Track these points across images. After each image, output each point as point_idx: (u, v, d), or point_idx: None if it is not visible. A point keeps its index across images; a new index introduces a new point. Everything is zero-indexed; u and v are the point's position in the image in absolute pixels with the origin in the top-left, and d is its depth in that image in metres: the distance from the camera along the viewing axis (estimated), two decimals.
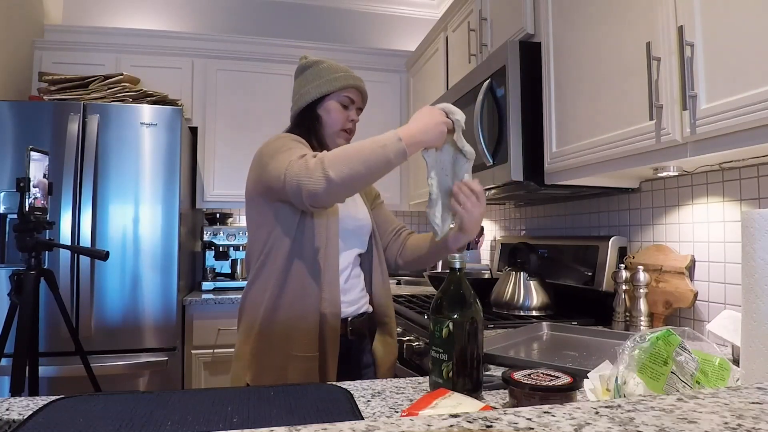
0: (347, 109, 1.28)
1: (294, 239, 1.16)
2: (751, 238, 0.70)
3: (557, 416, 0.45)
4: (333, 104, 1.27)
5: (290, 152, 1.10)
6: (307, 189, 1.01)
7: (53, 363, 2.17)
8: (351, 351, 1.24)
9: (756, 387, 0.53)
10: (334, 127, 1.27)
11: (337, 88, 1.26)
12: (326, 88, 1.26)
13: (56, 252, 2.20)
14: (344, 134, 1.28)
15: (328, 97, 1.27)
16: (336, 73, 1.27)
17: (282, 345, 1.15)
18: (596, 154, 1.35)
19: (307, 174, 1.01)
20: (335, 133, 1.27)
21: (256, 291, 1.20)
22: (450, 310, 0.86)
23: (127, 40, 2.81)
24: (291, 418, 0.74)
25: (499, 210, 2.66)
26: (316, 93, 1.26)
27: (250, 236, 1.24)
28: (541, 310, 1.76)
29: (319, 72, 1.28)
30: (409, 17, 3.65)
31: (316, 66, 1.30)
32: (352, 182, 1.00)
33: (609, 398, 0.73)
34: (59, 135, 2.26)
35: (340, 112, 1.27)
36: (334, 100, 1.27)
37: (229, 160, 2.91)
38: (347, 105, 1.28)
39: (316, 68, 1.29)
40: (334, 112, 1.27)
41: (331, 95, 1.26)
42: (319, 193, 1.00)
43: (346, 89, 1.27)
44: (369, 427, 0.43)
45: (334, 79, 1.26)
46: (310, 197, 1.02)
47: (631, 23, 1.23)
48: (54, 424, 0.70)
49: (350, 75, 1.28)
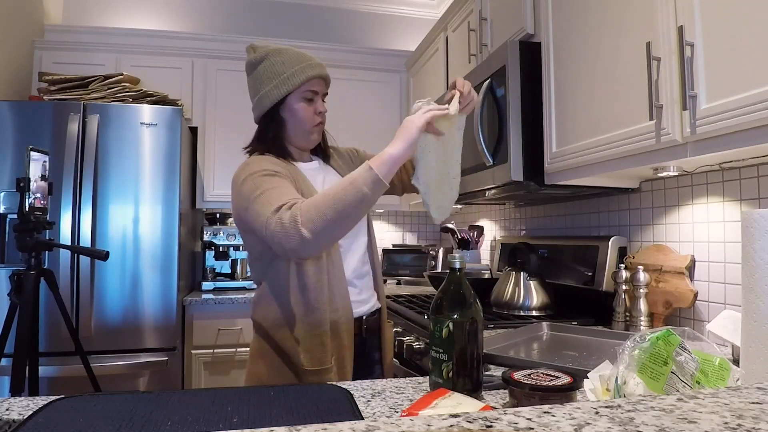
0: (313, 102, 1.18)
1: (291, 261, 1.13)
2: (751, 238, 0.70)
3: (557, 416, 0.45)
4: (296, 104, 1.17)
5: (265, 197, 1.04)
6: (289, 248, 0.98)
7: (53, 363, 2.17)
8: (365, 349, 1.24)
9: (756, 387, 0.53)
10: (303, 127, 1.20)
11: (297, 84, 1.15)
12: (285, 88, 1.15)
13: (56, 252, 2.20)
14: (316, 129, 1.21)
15: (289, 96, 1.17)
16: (292, 68, 1.15)
17: (295, 362, 1.13)
18: (596, 154, 1.35)
19: (285, 234, 0.97)
20: (306, 132, 1.21)
21: (262, 309, 1.18)
22: (450, 310, 0.86)
23: (127, 40, 2.81)
24: (291, 418, 0.74)
25: (499, 210, 2.66)
26: (276, 95, 1.16)
27: (249, 258, 1.22)
28: (541, 310, 1.76)
29: (273, 69, 1.16)
30: (409, 17, 3.65)
31: (267, 60, 1.17)
32: (330, 233, 0.97)
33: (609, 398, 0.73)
34: (59, 135, 2.26)
35: (305, 109, 1.18)
36: (297, 97, 1.17)
37: (229, 160, 2.91)
38: (311, 98, 1.18)
39: (268, 63, 1.16)
40: (300, 111, 1.18)
41: (292, 94, 1.16)
42: (300, 251, 0.98)
43: (307, 83, 1.16)
44: (369, 427, 0.43)
45: (292, 75, 1.15)
46: (293, 254, 0.99)
47: (631, 23, 1.23)
48: (54, 424, 0.70)
49: (308, 65, 1.16)
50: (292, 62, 1.16)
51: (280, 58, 1.16)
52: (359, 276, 1.23)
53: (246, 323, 2.56)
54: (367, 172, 0.98)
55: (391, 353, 1.32)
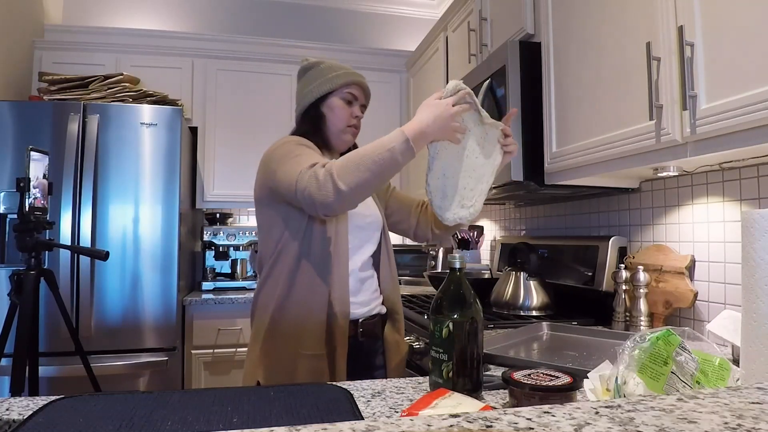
0: (351, 105, 1.28)
1: (303, 239, 1.17)
2: (751, 238, 0.70)
3: (557, 416, 0.45)
4: (336, 101, 1.27)
5: (298, 159, 1.10)
6: (320, 201, 1.02)
7: (53, 363, 2.17)
8: (362, 352, 1.24)
9: (756, 387, 0.53)
10: (339, 125, 1.27)
11: (339, 85, 1.26)
12: (328, 86, 1.26)
13: (56, 252, 2.20)
14: (350, 130, 1.29)
15: (330, 94, 1.27)
16: (337, 71, 1.28)
17: (290, 343, 1.16)
18: (596, 154, 1.35)
19: (318, 186, 1.02)
20: (341, 131, 1.28)
21: (266, 291, 1.21)
22: (450, 310, 0.86)
23: (127, 40, 2.81)
24: (291, 418, 0.74)
25: (499, 210, 2.66)
26: (319, 92, 1.26)
27: (261, 238, 1.25)
28: (541, 310, 1.76)
29: (321, 71, 1.28)
30: (409, 17, 3.65)
31: (317, 66, 1.30)
32: (363, 190, 1.02)
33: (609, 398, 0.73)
34: (59, 135, 2.26)
35: (343, 108, 1.27)
36: (337, 97, 1.27)
37: (229, 160, 2.91)
38: (350, 101, 1.28)
39: (317, 69, 1.30)
40: (338, 109, 1.27)
41: (333, 93, 1.27)
42: (332, 205, 1.02)
43: (348, 86, 1.27)
44: (369, 427, 0.43)
45: (336, 77, 1.26)
46: (323, 208, 1.04)
47: (631, 23, 1.23)
48: (54, 424, 0.70)
49: (351, 72, 1.29)
50: (338, 67, 1.29)
51: (327, 64, 1.30)
52: (360, 279, 1.24)
53: (246, 323, 2.56)
54: (404, 143, 1.03)
55: (397, 361, 1.29)
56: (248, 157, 2.94)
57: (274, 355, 1.17)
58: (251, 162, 2.94)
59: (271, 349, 1.18)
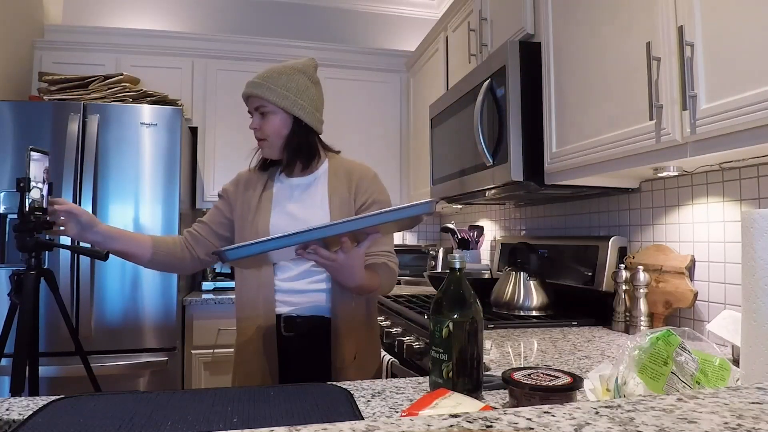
0: (252, 118, 1.30)
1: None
2: (751, 238, 0.70)
3: (557, 416, 0.45)
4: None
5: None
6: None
7: (53, 363, 2.17)
8: (290, 348, 1.26)
9: (756, 387, 0.53)
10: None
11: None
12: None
13: (56, 252, 2.20)
14: (260, 145, 1.31)
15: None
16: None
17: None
18: (596, 154, 1.35)
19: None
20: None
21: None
22: (450, 310, 0.86)
23: (127, 40, 2.81)
24: (291, 418, 0.74)
25: (499, 210, 2.66)
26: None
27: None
28: (541, 310, 1.76)
29: None
30: (409, 17, 3.65)
31: None
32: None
33: (609, 398, 0.73)
34: (59, 135, 2.26)
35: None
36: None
37: (229, 160, 2.91)
38: (251, 116, 1.30)
39: None
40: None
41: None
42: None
43: (246, 104, 1.30)
44: (369, 427, 0.43)
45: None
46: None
47: (631, 23, 1.23)
48: (54, 424, 0.70)
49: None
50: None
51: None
52: (299, 276, 1.26)
53: None
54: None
55: (345, 362, 1.26)
56: (248, 157, 2.93)
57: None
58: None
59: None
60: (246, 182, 1.36)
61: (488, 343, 1.39)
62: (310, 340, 1.25)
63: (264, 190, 1.33)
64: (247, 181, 1.36)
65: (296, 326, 1.25)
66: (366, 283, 1.14)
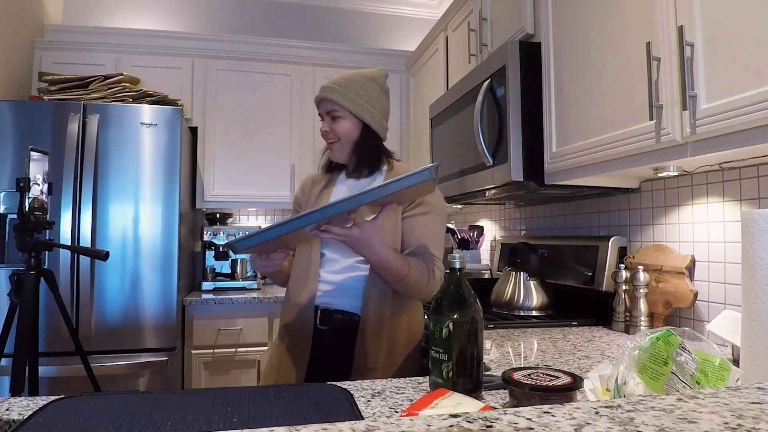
0: (323, 122, 1.34)
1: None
2: (751, 238, 0.70)
3: (557, 416, 0.45)
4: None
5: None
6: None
7: (53, 363, 2.17)
8: (324, 342, 1.26)
9: (756, 387, 0.53)
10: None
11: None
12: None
13: (56, 252, 2.20)
14: (329, 146, 1.35)
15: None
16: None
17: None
18: (596, 154, 1.35)
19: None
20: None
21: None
22: (450, 310, 0.86)
23: (127, 40, 2.81)
24: (291, 418, 0.74)
25: (499, 210, 2.66)
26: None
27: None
28: (541, 310, 1.76)
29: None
30: (409, 17, 3.65)
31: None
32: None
33: (609, 398, 0.73)
34: (59, 135, 2.26)
35: (321, 131, 1.35)
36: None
37: (229, 160, 2.91)
38: (322, 119, 1.35)
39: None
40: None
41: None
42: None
43: (318, 107, 1.35)
44: (369, 427, 0.43)
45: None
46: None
47: (631, 23, 1.23)
48: (54, 424, 0.70)
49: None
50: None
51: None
52: (343, 269, 1.27)
53: (246, 323, 2.56)
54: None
55: (368, 362, 1.24)
56: (248, 157, 2.94)
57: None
58: (251, 162, 2.95)
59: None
60: (312, 181, 1.44)
61: (488, 343, 1.39)
62: (343, 336, 1.25)
63: (325, 187, 1.39)
64: (313, 180, 1.45)
65: (332, 320, 1.26)
66: (389, 259, 1.13)
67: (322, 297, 1.28)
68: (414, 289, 1.20)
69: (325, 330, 1.26)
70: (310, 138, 3.03)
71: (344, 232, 1.05)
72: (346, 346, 1.25)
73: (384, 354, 1.24)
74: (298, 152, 3.02)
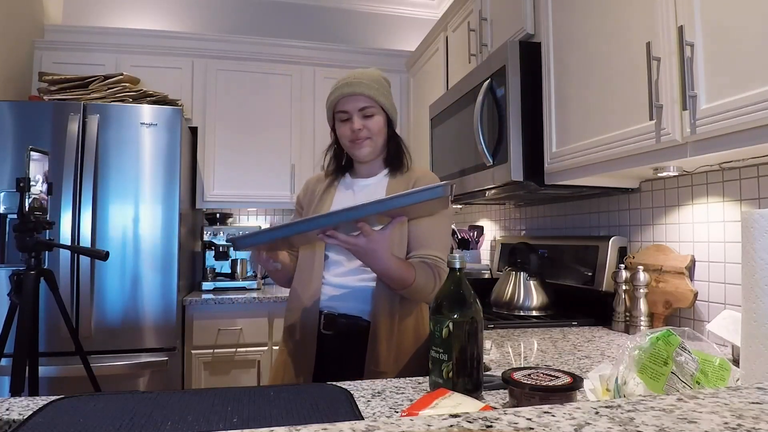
0: (347, 121, 1.29)
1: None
2: (751, 238, 0.70)
3: (557, 416, 0.45)
4: (336, 123, 1.32)
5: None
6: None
7: (53, 363, 2.17)
8: (329, 347, 1.25)
9: (756, 387, 0.53)
10: (345, 142, 1.32)
11: (331, 107, 1.31)
12: (329, 114, 1.33)
13: (56, 252, 2.20)
14: (356, 144, 1.30)
15: (334, 120, 1.33)
16: (333, 91, 1.30)
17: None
18: (596, 154, 1.35)
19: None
20: (348, 147, 1.32)
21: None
22: (450, 310, 0.86)
23: (127, 40, 2.81)
24: (291, 418, 0.74)
25: (499, 210, 2.66)
26: (328, 118, 1.35)
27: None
28: (541, 310, 1.76)
29: (331, 92, 1.33)
30: (409, 17, 3.65)
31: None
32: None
33: (609, 398, 0.73)
34: (59, 135, 2.26)
35: (342, 127, 1.30)
36: (336, 120, 1.32)
37: (229, 161, 2.91)
38: (345, 119, 1.29)
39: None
40: (339, 129, 1.32)
41: (335, 116, 1.31)
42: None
43: (337, 105, 1.29)
44: (369, 427, 0.43)
45: (330, 101, 1.31)
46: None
47: (631, 23, 1.23)
48: (54, 424, 0.70)
49: (340, 86, 1.29)
50: (335, 87, 1.31)
51: (337, 82, 1.32)
52: (349, 272, 1.26)
53: (246, 323, 2.56)
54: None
55: (379, 366, 1.23)
56: (248, 157, 2.94)
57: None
58: (251, 162, 2.94)
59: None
60: (315, 182, 1.42)
61: (488, 343, 1.39)
62: (348, 341, 1.24)
63: (328, 187, 1.38)
64: (316, 181, 1.42)
65: (336, 325, 1.24)
66: (394, 269, 1.11)
67: (327, 300, 1.26)
68: (420, 294, 1.20)
69: (329, 335, 1.25)
70: (310, 138, 3.03)
71: (351, 241, 1.04)
72: (351, 350, 1.25)
73: (393, 357, 1.24)
74: (298, 152, 3.02)
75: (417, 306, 1.29)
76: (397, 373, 1.25)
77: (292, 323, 1.30)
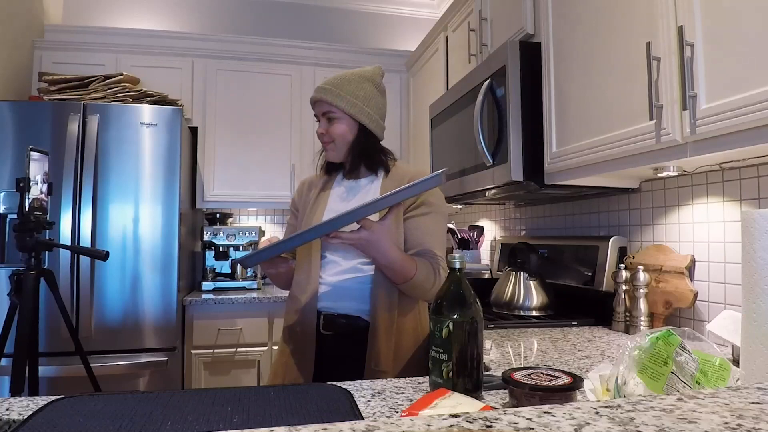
0: (319, 123, 1.34)
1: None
2: (751, 238, 0.70)
3: (557, 416, 0.45)
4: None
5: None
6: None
7: (53, 363, 2.17)
8: (329, 346, 1.26)
9: (756, 387, 0.53)
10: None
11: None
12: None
13: (56, 252, 2.20)
14: (324, 147, 1.34)
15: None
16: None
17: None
18: (596, 154, 1.35)
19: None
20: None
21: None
22: (450, 310, 0.86)
23: (127, 40, 2.81)
24: (291, 418, 0.74)
25: (499, 210, 2.66)
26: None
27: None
28: (541, 310, 1.76)
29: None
30: (409, 17, 3.65)
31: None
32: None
33: (609, 398, 0.73)
34: (59, 135, 2.26)
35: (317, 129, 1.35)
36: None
37: (229, 161, 2.91)
38: (318, 121, 1.34)
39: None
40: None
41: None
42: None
43: (314, 108, 1.34)
44: (369, 427, 0.43)
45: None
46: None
47: (631, 23, 1.23)
48: (54, 424, 0.70)
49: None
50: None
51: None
52: (345, 271, 1.26)
53: (246, 323, 2.56)
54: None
55: (380, 365, 1.22)
56: (248, 157, 2.94)
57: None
58: (251, 162, 2.95)
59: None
60: (309, 185, 1.43)
61: (488, 343, 1.39)
62: (348, 341, 1.24)
63: (322, 190, 1.38)
64: (309, 184, 1.43)
65: (336, 325, 1.24)
66: (397, 260, 1.13)
67: (325, 300, 1.26)
68: (420, 290, 1.20)
69: (328, 335, 1.25)
70: (310, 138, 3.03)
71: (354, 237, 1.05)
72: (351, 350, 1.24)
73: (393, 355, 1.24)
74: (298, 152, 3.02)
75: (415, 303, 1.29)
76: (397, 372, 1.24)
77: (292, 324, 1.30)
